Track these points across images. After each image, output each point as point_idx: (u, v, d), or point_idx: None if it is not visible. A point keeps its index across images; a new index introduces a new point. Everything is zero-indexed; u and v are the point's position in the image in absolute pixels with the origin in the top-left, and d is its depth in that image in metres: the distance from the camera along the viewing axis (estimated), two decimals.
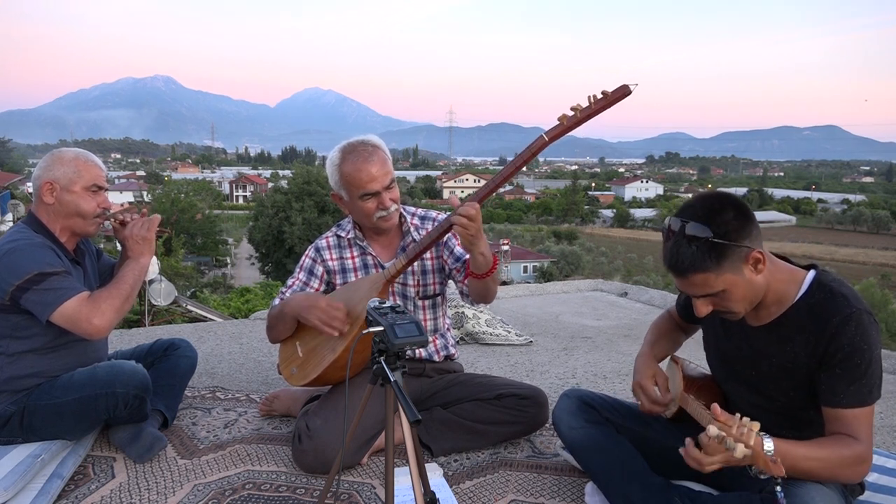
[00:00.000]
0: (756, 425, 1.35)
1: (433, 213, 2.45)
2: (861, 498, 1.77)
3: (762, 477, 1.38)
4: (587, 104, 1.83)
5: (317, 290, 2.38)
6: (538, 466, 2.26)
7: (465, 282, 2.25)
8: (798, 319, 1.59)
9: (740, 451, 1.32)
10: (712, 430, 1.36)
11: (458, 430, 2.33)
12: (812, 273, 1.62)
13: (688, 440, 1.49)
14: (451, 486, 2.09)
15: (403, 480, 1.93)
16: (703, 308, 1.59)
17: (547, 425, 2.47)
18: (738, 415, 1.40)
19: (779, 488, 1.37)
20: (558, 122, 1.86)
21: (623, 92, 1.78)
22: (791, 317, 1.60)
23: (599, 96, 1.82)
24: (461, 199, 2.00)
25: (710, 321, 1.85)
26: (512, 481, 2.16)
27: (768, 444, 1.40)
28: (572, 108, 1.84)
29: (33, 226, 2.13)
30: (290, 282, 2.40)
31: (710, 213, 1.51)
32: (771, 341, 1.65)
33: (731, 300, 1.56)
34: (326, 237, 2.45)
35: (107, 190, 2.23)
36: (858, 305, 1.53)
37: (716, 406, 1.43)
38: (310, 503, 2.00)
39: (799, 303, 1.60)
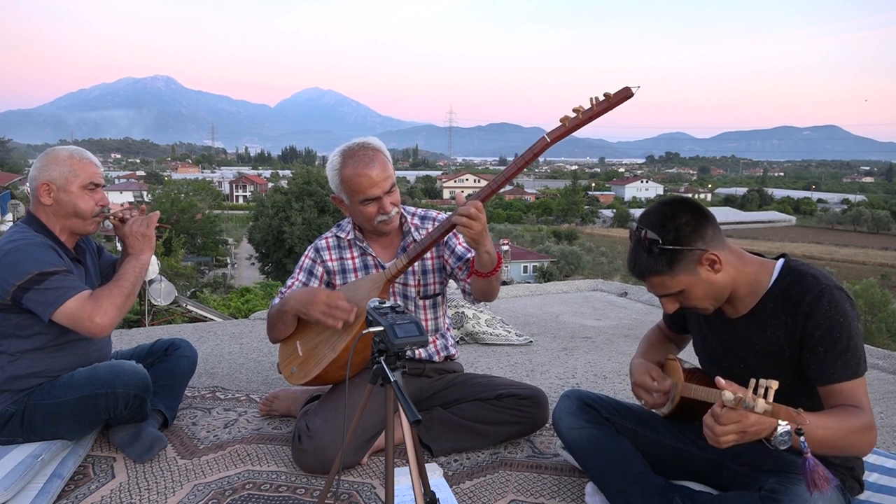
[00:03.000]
0: (774, 383, 1.34)
1: (433, 213, 2.45)
2: (860, 497, 1.77)
3: (782, 447, 1.38)
4: (589, 106, 1.82)
5: None
6: (538, 466, 2.26)
7: (469, 280, 2.25)
8: (773, 304, 1.64)
9: (761, 405, 1.32)
10: (728, 394, 1.36)
11: (458, 430, 2.33)
12: (781, 260, 1.69)
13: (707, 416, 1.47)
14: (451, 486, 2.09)
15: (403, 480, 1.93)
16: (668, 305, 1.70)
17: (547, 425, 2.48)
18: (752, 379, 1.39)
19: (802, 438, 1.36)
20: (560, 124, 1.86)
21: (625, 94, 1.78)
22: (766, 303, 1.66)
23: (601, 98, 1.81)
24: (466, 198, 1.99)
25: (695, 322, 1.90)
26: (512, 481, 2.16)
27: None
28: (574, 110, 1.84)
29: (33, 225, 2.13)
30: (289, 282, 2.40)
31: (662, 219, 1.62)
32: (751, 329, 1.69)
33: (693, 298, 1.65)
34: (326, 238, 2.45)
35: (103, 187, 2.23)
36: (828, 282, 1.58)
37: (719, 379, 1.43)
38: (310, 503, 2.00)
39: (772, 289, 1.66)
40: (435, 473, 2.16)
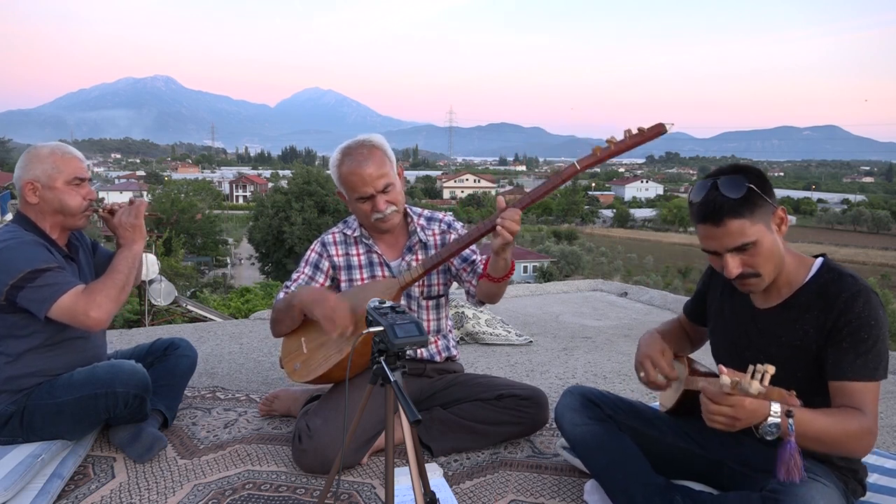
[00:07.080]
0: (771, 368, 1.35)
1: (439, 215, 2.46)
2: (861, 498, 1.77)
3: (768, 437, 1.40)
4: (622, 137, 1.87)
5: (321, 284, 2.38)
6: (538, 466, 2.26)
7: (475, 283, 2.26)
8: (808, 299, 1.64)
9: (755, 387, 1.33)
10: (725, 379, 1.37)
11: (458, 430, 2.33)
12: (820, 259, 1.70)
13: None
14: (451, 486, 2.09)
15: (403, 480, 1.93)
16: (734, 266, 1.59)
17: (547, 425, 2.48)
18: (751, 365, 1.39)
19: (791, 420, 1.38)
20: (592, 153, 1.94)
21: (658, 130, 1.84)
22: (801, 297, 1.65)
23: (635, 132, 1.86)
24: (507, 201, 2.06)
25: (717, 310, 1.87)
26: (512, 481, 2.16)
27: (775, 406, 1.42)
28: (608, 141, 1.92)
29: (23, 224, 2.13)
30: (294, 276, 2.40)
31: (738, 170, 1.60)
32: (780, 322, 1.68)
33: (761, 255, 1.59)
34: (333, 233, 2.45)
35: (90, 181, 2.22)
36: (866, 285, 1.59)
37: (721, 367, 1.44)
38: (310, 503, 2.00)
39: (809, 283, 1.65)
40: (435, 473, 2.15)
